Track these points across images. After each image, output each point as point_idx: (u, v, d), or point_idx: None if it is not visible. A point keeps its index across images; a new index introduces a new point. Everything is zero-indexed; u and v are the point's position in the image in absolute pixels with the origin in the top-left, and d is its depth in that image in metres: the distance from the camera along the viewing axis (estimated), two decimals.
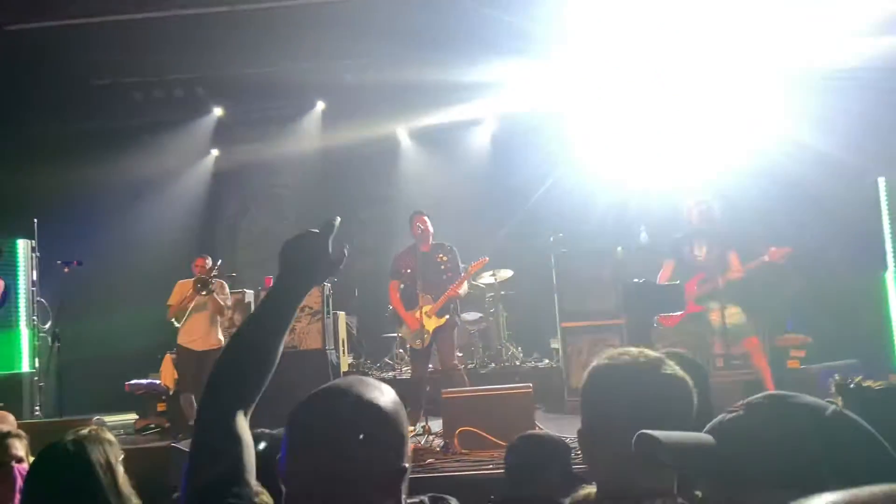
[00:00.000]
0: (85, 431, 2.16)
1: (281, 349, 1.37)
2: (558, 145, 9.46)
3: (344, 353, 8.41)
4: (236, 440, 1.26)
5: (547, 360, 8.44)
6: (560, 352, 7.77)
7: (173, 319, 6.74)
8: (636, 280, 2.11)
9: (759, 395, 1.01)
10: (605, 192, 9.19)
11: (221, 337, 6.78)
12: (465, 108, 9.69)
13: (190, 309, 6.59)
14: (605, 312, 7.31)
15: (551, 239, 8.37)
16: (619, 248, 8.11)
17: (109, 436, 2.22)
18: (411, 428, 5.71)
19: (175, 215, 9.27)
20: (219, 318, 6.79)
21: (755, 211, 7.56)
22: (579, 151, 9.30)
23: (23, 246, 8.26)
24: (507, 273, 8.79)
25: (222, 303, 6.72)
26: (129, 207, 8.81)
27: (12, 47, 7.58)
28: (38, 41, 7.61)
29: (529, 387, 5.21)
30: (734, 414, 0.96)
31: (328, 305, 7.92)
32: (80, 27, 7.41)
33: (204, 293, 6.49)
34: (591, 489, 1.33)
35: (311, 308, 7.70)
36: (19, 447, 2.70)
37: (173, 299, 6.68)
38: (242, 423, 1.29)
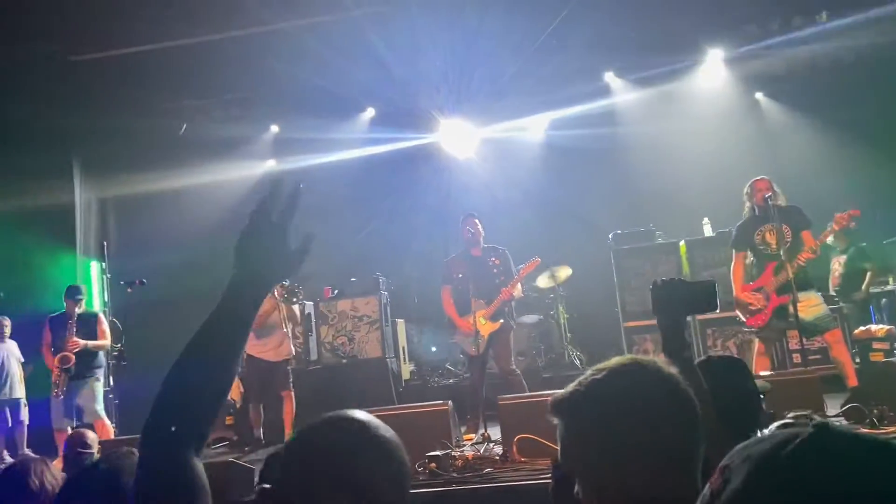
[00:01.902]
0: (121, 452, 2.17)
1: (238, 367, 1.16)
2: (612, 141, 9.23)
3: (404, 360, 8.39)
4: (190, 485, 1.05)
5: None
6: (625, 353, 7.56)
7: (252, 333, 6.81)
8: (663, 279, 1.96)
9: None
10: (665, 184, 8.90)
11: (293, 348, 6.81)
12: (518, 111, 9.61)
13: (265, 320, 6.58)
14: None
15: (610, 236, 8.15)
16: (682, 242, 7.83)
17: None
18: (471, 435, 5.61)
19: (234, 231, 9.44)
20: (291, 328, 6.84)
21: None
22: (633, 143, 9.05)
23: (94, 268, 8.64)
24: (565, 272, 8.60)
25: (299, 312, 6.75)
26: (190, 224, 9.04)
27: (78, 76, 7.92)
28: (103, 70, 7.92)
29: None
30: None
31: (386, 313, 7.93)
32: (142, 54, 7.67)
33: (294, 301, 6.49)
34: None
35: (369, 317, 7.73)
36: None
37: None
38: (197, 466, 1.07)
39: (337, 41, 7.84)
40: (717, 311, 2.01)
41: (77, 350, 6.52)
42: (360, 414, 1.19)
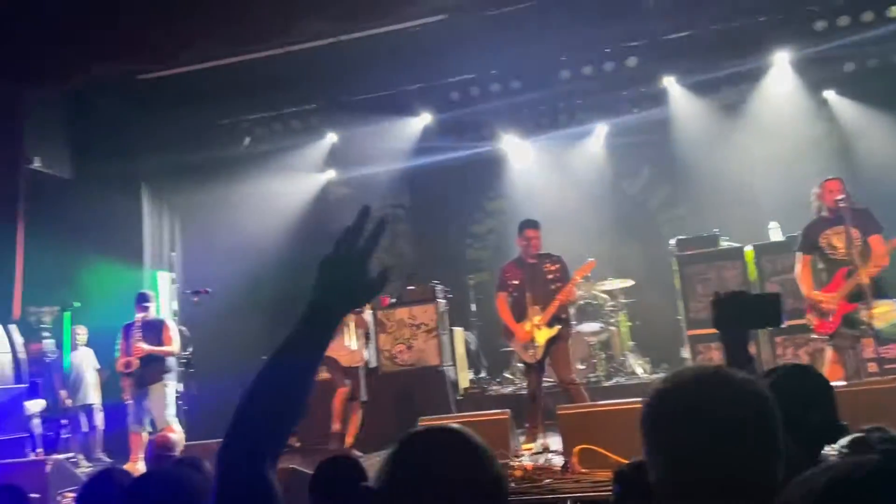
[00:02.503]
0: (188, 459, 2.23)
1: (312, 385, 1.21)
2: (672, 145, 9.05)
3: (463, 368, 8.37)
4: (269, 499, 1.09)
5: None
6: (690, 362, 7.36)
7: None
8: (725, 292, 1.90)
9: None
10: (728, 188, 8.66)
11: (366, 354, 6.90)
12: (573, 117, 9.52)
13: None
14: None
15: (672, 242, 7.96)
16: (749, 248, 7.59)
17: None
18: (530, 446, 5.55)
19: (295, 241, 9.64)
20: (364, 334, 6.91)
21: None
22: (694, 147, 8.83)
23: (163, 278, 8.95)
24: (627, 280, 8.44)
25: (369, 319, 6.87)
26: (252, 234, 9.27)
27: (145, 95, 8.25)
28: (169, 88, 8.23)
29: None
30: None
31: (444, 321, 7.94)
32: (205, 72, 7.93)
33: (371, 309, 6.64)
34: None
35: (426, 325, 7.74)
36: None
37: None
38: (272, 478, 1.11)
39: (395, 51, 7.93)
40: (783, 324, 1.94)
41: (140, 355, 6.72)
42: (456, 425, 1.21)
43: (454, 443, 1.15)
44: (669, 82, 8.73)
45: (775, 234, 7.67)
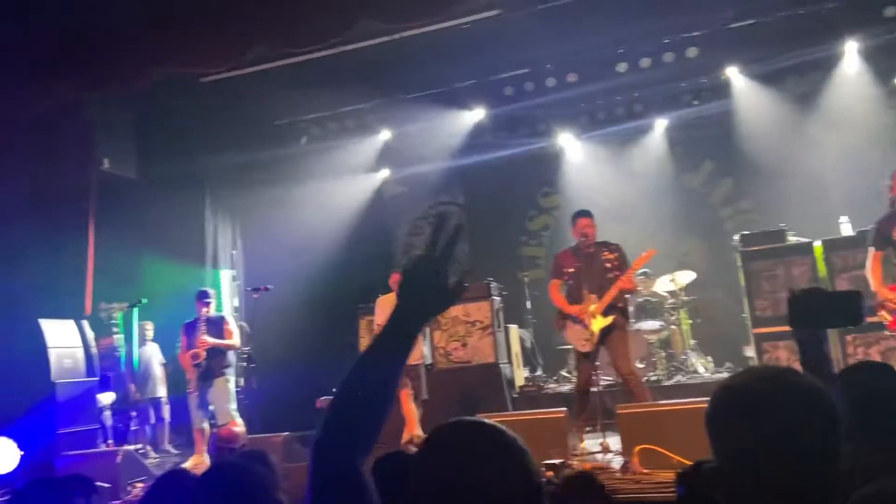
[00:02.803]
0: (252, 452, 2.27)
1: (397, 388, 1.26)
2: (735, 138, 8.77)
3: (518, 366, 8.31)
4: (362, 492, 1.16)
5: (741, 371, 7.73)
6: (755, 361, 7.12)
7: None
8: (801, 288, 1.81)
9: None
10: (795, 181, 8.35)
11: (425, 350, 6.75)
12: (631, 110, 9.34)
13: None
14: None
15: (736, 237, 7.71)
16: (818, 243, 7.28)
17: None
18: (582, 444, 5.44)
19: (351, 239, 9.74)
20: (423, 332, 6.74)
21: None
22: (758, 140, 8.53)
23: (225, 276, 9.18)
24: (688, 277, 8.22)
25: None
26: (308, 232, 9.41)
27: (207, 97, 8.46)
28: (228, 89, 8.42)
29: None
30: None
31: (499, 319, 7.89)
32: (262, 73, 8.08)
33: None
34: None
35: (481, 322, 7.71)
36: None
37: (380, 317, 6.64)
38: (366, 473, 1.19)
39: (448, 48, 7.92)
40: (864, 322, 1.84)
41: (206, 348, 6.91)
42: (490, 421, 1.21)
43: (483, 438, 1.15)
44: (732, 73, 8.46)
45: (846, 228, 7.35)
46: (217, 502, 2.14)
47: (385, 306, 6.55)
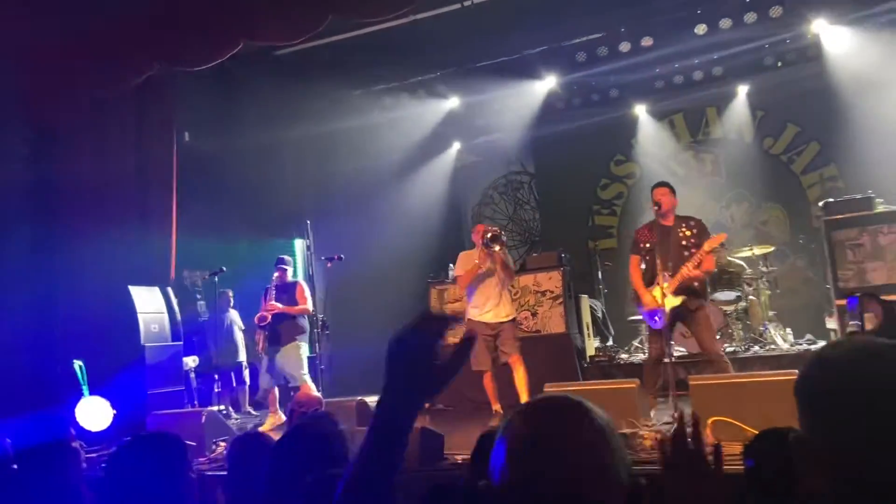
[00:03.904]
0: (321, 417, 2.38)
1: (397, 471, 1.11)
2: (820, 101, 8.32)
3: (589, 336, 8.25)
4: None
5: (822, 342, 7.45)
6: (837, 333, 6.84)
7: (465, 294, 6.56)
8: None
9: None
10: (888, 146, 7.88)
11: (512, 309, 6.52)
12: (710, 75, 8.98)
13: (479, 280, 6.30)
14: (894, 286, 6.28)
15: (820, 204, 7.37)
16: None
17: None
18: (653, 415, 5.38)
19: (422, 208, 9.83)
20: (508, 289, 6.52)
21: None
22: (850, 103, 8.07)
23: (300, 245, 9.43)
24: (766, 247, 7.93)
25: (511, 264, 6.44)
26: (380, 202, 9.53)
27: (283, 69, 8.64)
28: (303, 62, 8.57)
29: (793, 373, 4.61)
30: None
31: (570, 289, 7.84)
32: (335, 44, 8.18)
33: (497, 248, 6.17)
34: None
35: (552, 292, 7.68)
36: None
37: (460, 269, 6.48)
38: None
39: (519, 14, 7.79)
40: None
41: (273, 312, 7.12)
42: (576, 397, 1.15)
43: (570, 413, 1.11)
44: (820, 27, 7.98)
45: None
46: (291, 460, 2.26)
47: (465, 261, 6.46)
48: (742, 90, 9.17)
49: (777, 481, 2.10)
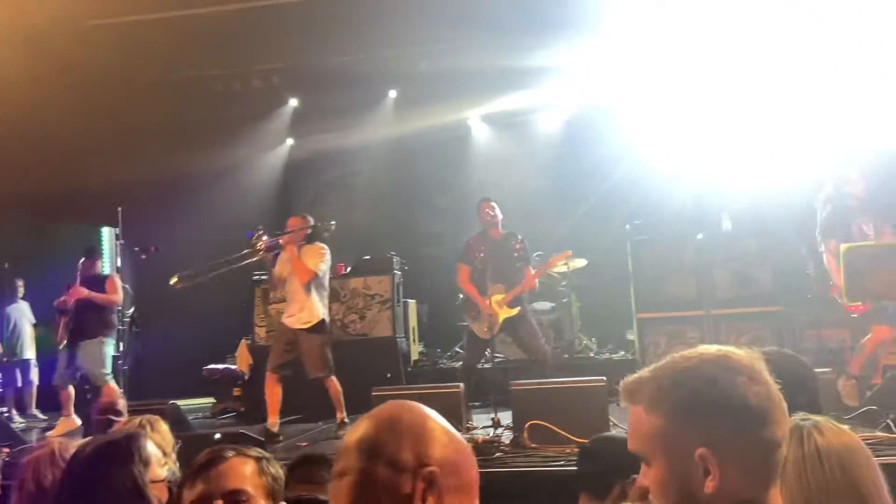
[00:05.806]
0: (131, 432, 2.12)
1: None
2: (633, 130, 9.11)
3: (414, 341, 8.37)
4: None
5: (622, 352, 8.16)
6: (636, 344, 7.50)
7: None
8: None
9: None
10: (683, 177, 8.78)
11: (320, 313, 5.87)
12: (537, 93, 9.49)
13: (286, 280, 5.92)
14: (685, 303, 7.01)
15: (627, 226, 8.06)
16: (700, 235, 7.72)
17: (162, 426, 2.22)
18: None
19: (250, 204, 9.44)
20: (315, 290, 5.90)
21: None
22: (655, 136, 8.91)
23: (107, 234, 8.65)
24: (580, 262, 8.53)
25: (312, 265, 5.82)
26: (205, 196, 9.02)
27: (92, 43, 7.85)
28: (123, 37, 7.86)
29: (603, 380, 5.00)
30: None
31: (399, 293, 7.90)
32: (162, 21, 7.60)
33: (259, 245, 5.80)
34: None
35: (381, 296, 7.70)
36: None
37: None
38: None
39: (366, 17, 7.74)
40: None
41: (77, 297, 6.48)
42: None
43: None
44: None
45: (726, 224, 7.82)
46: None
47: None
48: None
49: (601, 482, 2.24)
